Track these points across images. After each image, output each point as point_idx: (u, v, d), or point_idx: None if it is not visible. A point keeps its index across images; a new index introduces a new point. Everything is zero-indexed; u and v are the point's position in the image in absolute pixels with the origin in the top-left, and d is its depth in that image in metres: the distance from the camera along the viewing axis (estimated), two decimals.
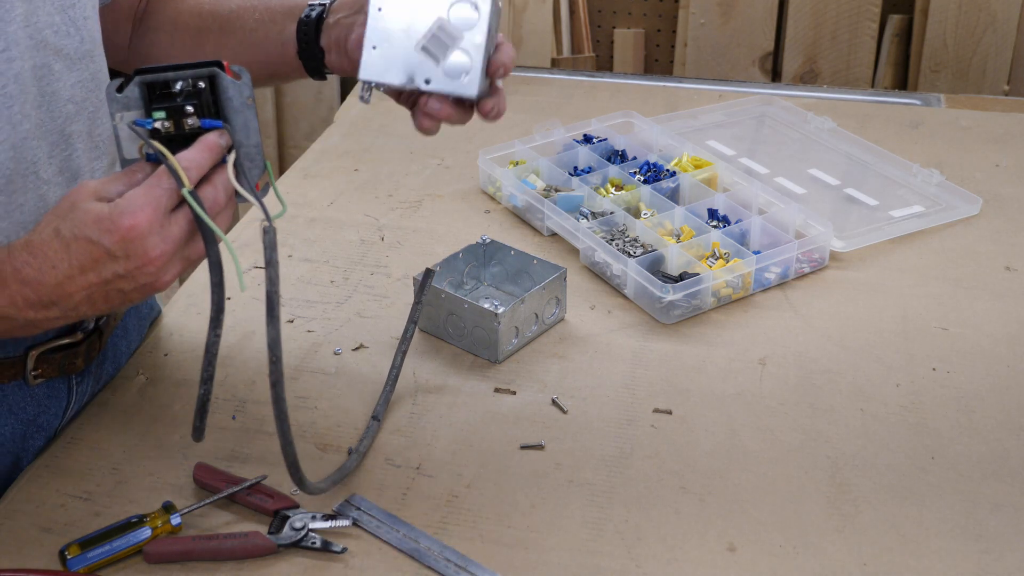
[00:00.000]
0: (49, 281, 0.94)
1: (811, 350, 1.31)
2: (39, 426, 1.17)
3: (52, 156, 1.08)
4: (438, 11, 1.00)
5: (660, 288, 1.33)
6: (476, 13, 0.99)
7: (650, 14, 3.28)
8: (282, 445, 0.97)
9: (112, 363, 1.26)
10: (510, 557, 1.02)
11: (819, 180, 1.67)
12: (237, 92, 0.99)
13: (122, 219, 0.91)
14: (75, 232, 0.93)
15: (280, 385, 0.95)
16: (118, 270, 0.93)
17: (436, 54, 1.00)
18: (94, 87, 1.13)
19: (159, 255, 0.93)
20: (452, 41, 1.00)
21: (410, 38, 1.00)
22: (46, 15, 1.06)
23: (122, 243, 0.92)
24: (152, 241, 0.92)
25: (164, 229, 0.92)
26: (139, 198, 0.92)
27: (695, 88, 2.02)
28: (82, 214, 0.93)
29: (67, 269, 0.94)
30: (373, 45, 1.01)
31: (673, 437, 1.17)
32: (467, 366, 1.28)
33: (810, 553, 1.03)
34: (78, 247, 0.93)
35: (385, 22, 1.01)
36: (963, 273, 1.45)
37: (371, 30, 1.01)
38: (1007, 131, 1.82)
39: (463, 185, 1.65)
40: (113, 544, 1.00)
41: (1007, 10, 2.99)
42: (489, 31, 1.01)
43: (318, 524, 1.03)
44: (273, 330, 0.93)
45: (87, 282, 0.94)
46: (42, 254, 0.94)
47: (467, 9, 0.99)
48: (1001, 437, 1.17)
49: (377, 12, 1.01)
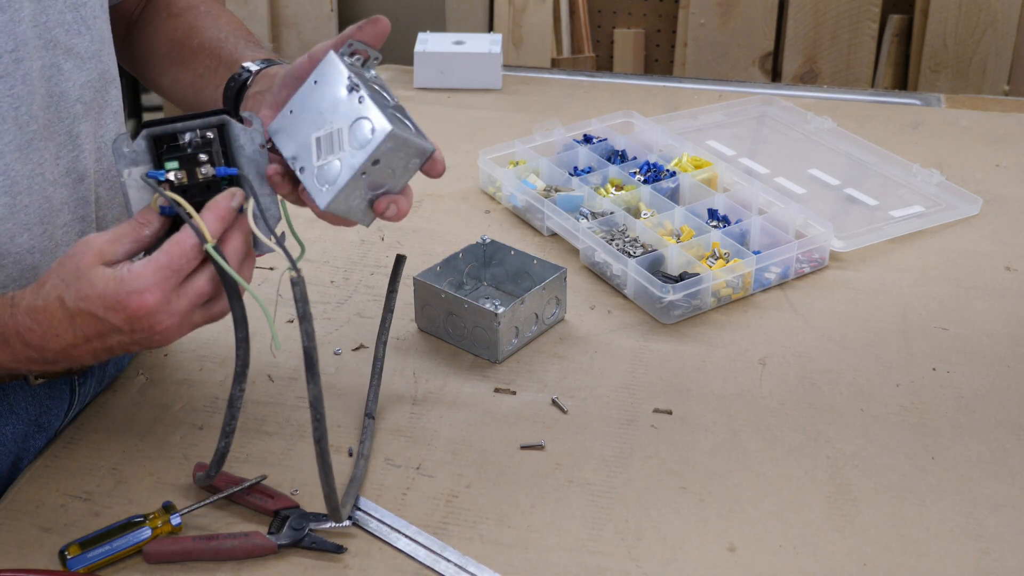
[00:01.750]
0: (53, 347, 0.96)
1: (811, 350, 1.31)
2: (41, 427, 1.17)
3: (59, 157, 1.08)
4: (349, 116, 0.98)
5: (660, 288, 1.33)
6: (369, 138, 0.97)
7: (650, 14, 3.28)
8: (325, 494, 0.97)
9: (115, 365, 1.26)
10: (510, 557, 1.02)
11: (819, 180, 1.67)
12: (249, 139, 0.98)
13: (129, 299, 0.91)
14: (80, 306, 0.93)
15: (324, 441, 0.94)
16: (124, 340, 0.95)
17: (321, 151, 0.98)
18: (101, 87, 1.13)
19: (164, 329, 0.94)
20: (338, 150, 0.98)
21: (316, 123, 0.99)
22: (57, 13, 1.06)
23: (128, 321, 0.93)
24: (159, 318, 0.93)
25: (171, 305, 0.93)
26: (148, 277, 0.91)
27: (695, 88, 2.02)
28: (88, 287, 0.92)
29: (72, 339, 0.95)
30: (291, 110, 1.00)
31: (673, 437, 1.17)
32: (467, 366, 1.28)
33: (810, 553, 1.03)
34: (83, 320, 0.93)
35: (311, 96, 1.00)
36: (963, 273, 1.45)
37: (298, 96, 1.00)
38: (1007, 131, 1.82)
39: (463, 185, 1.65)
40: (113, 544, 1.00)
41: (1007, 10, 2.99)
42: (377, 162, 0.98)
43: (318, 524, 1.03)
44: (315, 388, 0.92)
45: (92, 348, 0.96)
46: (46, 322, 0.95)
47: (366, 131, 0.97)
48: (1001, 437, 1.17)
49: (312, 83, 1.00)
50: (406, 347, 1.30)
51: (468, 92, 1.96)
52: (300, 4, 3.21)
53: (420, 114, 1.88)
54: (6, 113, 1.01)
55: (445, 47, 1.96)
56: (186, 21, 1.22)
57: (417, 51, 1.95)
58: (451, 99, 1.94)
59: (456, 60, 1.95)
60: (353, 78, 0.98)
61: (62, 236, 1.10)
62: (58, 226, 1.09)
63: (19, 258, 1.06)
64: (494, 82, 1.96)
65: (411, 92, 1.95)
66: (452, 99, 1.94)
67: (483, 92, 1.96)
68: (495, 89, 1.97)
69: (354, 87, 0.98)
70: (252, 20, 3.20)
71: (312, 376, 0.92)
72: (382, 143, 0.96)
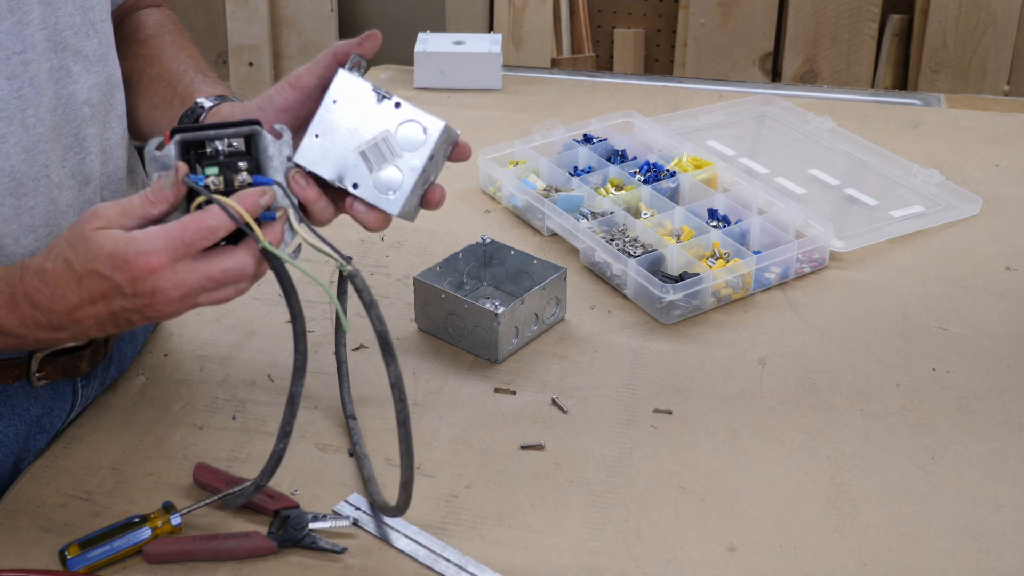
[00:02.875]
0: (60, 309, 0.96)
1: (811, 350, 1.31)
2: (42, 427, 1.17)
3: (65, 160, 1.08)
4: (388, 123, 0.99)
5: (660, 288, 1.33)
6: (423, 137, 0.99)
7: (650, 14, 3.28)
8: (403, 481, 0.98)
9: (117, 366, 1.26)
10: (510, 557, 1.02)
11: (819, 180, 1.67)
12: (278, 151, 0.99)
13: (137, 259, 0.92)
14: (87, 266, 0.93)
15: (409, 423, 0.95)
16: (126, 304, 0.95)
17: (372, 163, 0.99)
18: (107, 91, 1.13)
19: (166, 296, 0.94)
20: (391, 156, 0.99)
21: (353, 139, 1.00)
22: (67, 15, 1.06)
23: (132, 282, 0.93)
24: (161, 283, 0.93)
25: (177, 274, 0.93)
26: (157, 240, 0.92)
27: (695, 88, 2.02)
28: (95, 247, 0.93)
29: (77, 300, 0.95)
30: (316, 134, 1.00)
31: (673, 437, 1.17)
32: (467, 366, 1.28)
33: (810, 553, 1.03)
34: (89, 280, 0.94)
35: (334, 116, 1.00)
36: (963, 273, 1.45)
37: (319, 119, 1.00)
38: (1007, 131, 1.82)
39: (463, 185, 1.65)
40: (113, 544, 1.00)
41: (1007, 10, 2.99)
42: (432, 157, 1.00)
43: (318, 524, 1.03)
44: (395, 368, 0.94)
45: (96, 311, 0.96)
46: (54, 283, 0.95)
47: (416, 131, 0.99)
48: (1001, 437, 1.17)
49: (331, 104, 1.00)
50: (406, 347, 1.30)
51: (468, 92, 1.96)
52: (300, 4, 3.21)
53: None
54: (13, 115, 1.01)
55: (445, 47, 1.96)
56: (149, 49, 1.22)
57: (417, 51, 1.95)
58: (451, 99, 1.94)
59: (456, 60, 1.95)
60: (379, 88, 1.00)
61: None
62: (63, 228, 1.09)
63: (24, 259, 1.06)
64: (494, 82, 1.96)
65: (411, 92, 1.95)
66: (452, 99, 1.94)
67: (483, 92, 1.96)
68: (495, 89, 1.97)
69: (383, 96, 1.00)
70: (252, 20, 3.21)
71: (391, 358, 0.93)
72: (439, 138, 0.99)
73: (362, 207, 1.01)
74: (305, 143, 1.00)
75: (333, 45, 1.03)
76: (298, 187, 0.99)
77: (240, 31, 3.22)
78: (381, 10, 3.26)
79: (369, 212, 1.01)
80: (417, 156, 1.00)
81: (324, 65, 1.02)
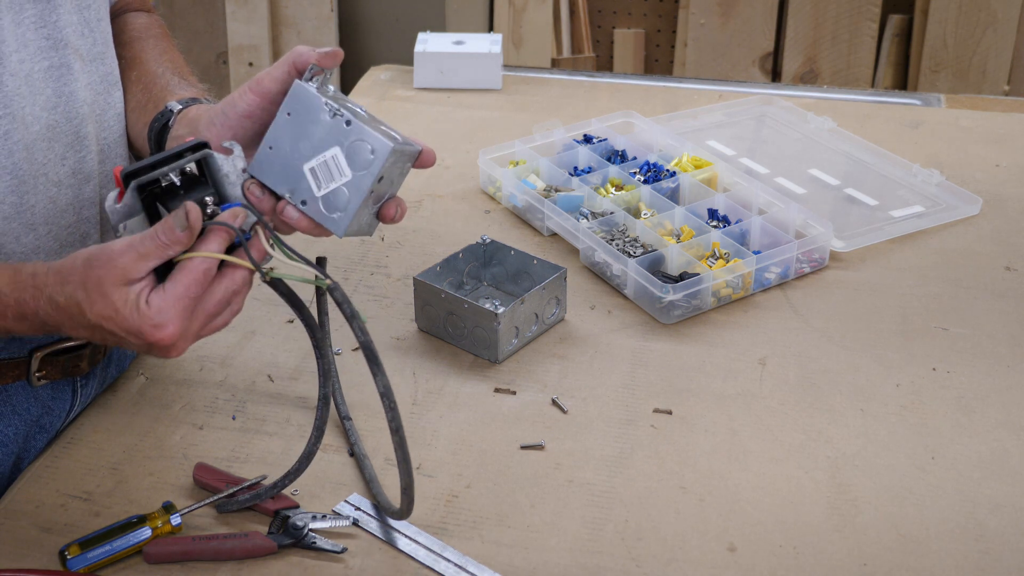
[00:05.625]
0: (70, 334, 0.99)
1: (811, 350, 1.31)
2: (42, 427, 1.17)
3: (65, 158, 1.08)
4: (338, 141, 0.98)
5: (660, 288, 1.33)
6: (371, 157, 0.97)
7: (650, 14, 3.28)
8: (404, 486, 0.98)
9: (117, 366, 1.26)
10: (510, 557, 1.02)
11: (819, 180, 1.67)
12: (232, 167, 0.99)
13: (152, 333, 0.93)
14: (101, 324, 0.94)
15: (402, 431, 0.96)
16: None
17: (320, 181, 0.99)
18: (103, 90, 1.13)
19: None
20: (339, 175, 0.98)
21: (303, 155, 0.99)
22: (66, 14, 1.06)
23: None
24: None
25: (188, 331, 0.95)
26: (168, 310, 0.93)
27: (695, 88, 2.02)
28: (110, 310, 0.93)
29: (88, 335, 0.97)
30: (270, 145, 0.99)
31: (673, 437, 1.17)
32: (467, 366, 1.28)
33: (810, 553, 1.03)
34: (101, 332, 0.95)
35: (287, 130, 0.99)
36: (963, 273, 1.45)
37: (273, 130, 0.99)
38: (1007, 131, 1.82)
39: (463, 185, 1.65)
40: (113, 544, 1.00)
41: (1007, 10, 2.99)
42: (382, 178, 0.99)
43: (318, 524, 1.03)
44: (383, 379, 0.95)
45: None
46: (67, 320, 0.96)
47: (365, 152, 0.97)
48: (1001, 437, 1.17)
49: (285, 117, 0.99)
50: (406, 347, 1.30)
51: (468, 92, 1.96)
52: (300, 4, 3.21)
53: (420, 114, 1.89)
54: (15, 112, 1.02)
55: (445, 47, 1.96)
56: (132, 51, 1.22)
57: (417, 51, 1.95)
58: (451, 99, 1.94)
59: (456, 60, 1.95)
60: (331, 103, 0.98)
61: (67, 237, 1.10)
62: (63, 227, 1.09)
63: (24, 258, 1.06)
64: (494, 82, 1.96)
65: (411, 92, 1.96)
66: (452, 99, 1.94)
67: (483, 92, 1.96)
68: (495, 89, 1.97)
69: (336, 112, 0.98)
70: (252, 20, 3.21)
71: (378, 369, 0.94)
72: (386, 160, 0.97)
73: (293, 212, 1.00)
74: (260, 154, 1.00)
75: (293, 50, 1.01)
76: (254, 198, 0.99)
77: (240, 31, 3.22)
78: (381, 10, 3.25)
79: (315, 228, 1.01)
80: (365, 177, 0.98)
81: (285, 71, 1.01)
